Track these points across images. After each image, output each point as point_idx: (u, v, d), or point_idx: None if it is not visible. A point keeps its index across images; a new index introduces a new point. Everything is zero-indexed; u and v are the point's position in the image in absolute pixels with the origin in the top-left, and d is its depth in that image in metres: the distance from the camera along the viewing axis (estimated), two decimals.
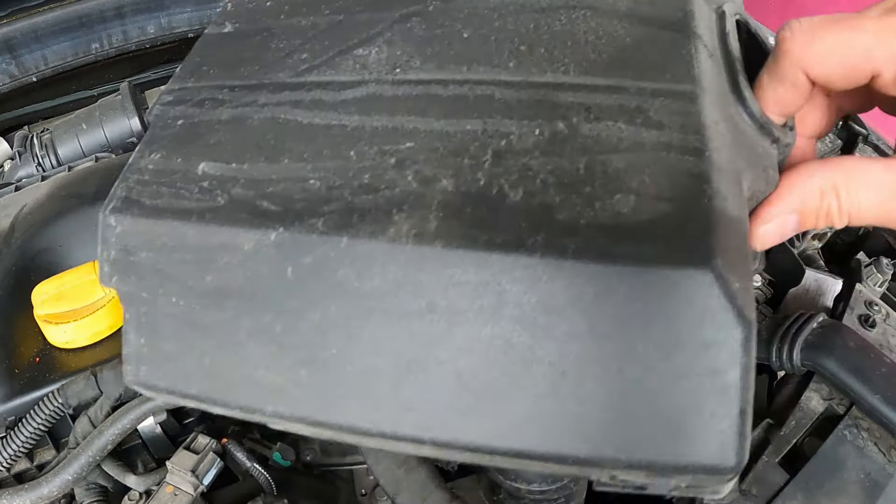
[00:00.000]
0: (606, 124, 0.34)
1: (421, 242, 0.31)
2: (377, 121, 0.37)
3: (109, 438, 0.64)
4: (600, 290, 0.30)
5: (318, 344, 0.34)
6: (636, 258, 0.30)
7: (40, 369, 0.70)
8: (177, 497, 0.62)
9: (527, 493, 0.62)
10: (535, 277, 0.30)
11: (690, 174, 0.32)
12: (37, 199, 0.86)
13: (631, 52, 0.38)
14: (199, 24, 1.16)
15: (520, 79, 0.37)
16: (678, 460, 0.31)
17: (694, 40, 0.38)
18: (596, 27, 0.40)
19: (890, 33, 0.37)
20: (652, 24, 0.39)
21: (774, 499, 0.62)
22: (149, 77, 1.27)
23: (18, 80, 1.07)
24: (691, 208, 0.31)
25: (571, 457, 0.32)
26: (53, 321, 0.71)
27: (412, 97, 0.38)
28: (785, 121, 0.41)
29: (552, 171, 0.33)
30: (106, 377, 0.67)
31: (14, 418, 0.68)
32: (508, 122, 0.35)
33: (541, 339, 0.31)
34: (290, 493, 0.66)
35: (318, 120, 0.38)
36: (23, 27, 1.05)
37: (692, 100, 0.35)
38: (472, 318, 0.31)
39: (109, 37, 1.11)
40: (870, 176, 0.38)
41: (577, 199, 0.31)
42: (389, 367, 0.33)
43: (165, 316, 0.37)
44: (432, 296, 0.32)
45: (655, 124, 0.34)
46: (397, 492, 0.61)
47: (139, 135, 1.05)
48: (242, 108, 0.40)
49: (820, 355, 0.65)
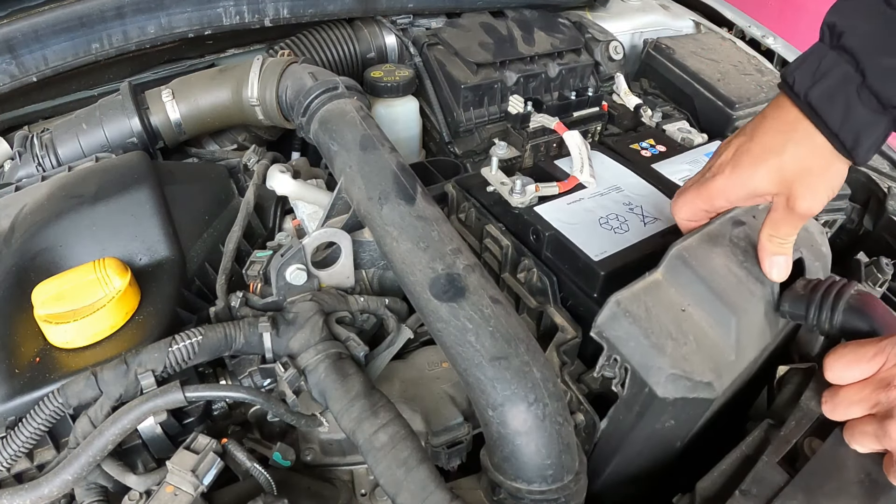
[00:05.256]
0: None
1: None
2: None
3: (109, 438, 0.64)
4: None
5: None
6: None
7: (40, 369, 0.70)
8: (177, 497, 0.62)
9: (527, 493, 0.62)
10: None
11: None
12: (37, 199, 0.86)
13: None
14: (199, 25, 1.16)
15: None
16: None
17: None
18: None
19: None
20: None
21: (774, 499, 0.62)
22: (149, 77, 1.27)
23: (18, 80, 1.07)
24: None
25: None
26: (53, 321, 0.71)
27: None
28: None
29: None
30: (106, 377, 0.67)
31: (14, 418, 0.68)
32: None
33: None
34: (290, 493, 0.66)
35: None
36: (23, 27, 1.05)
37: None
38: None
39: (109, 37, 1.11)
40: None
41: None
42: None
43: None
44: None
45: None
46: (397, 492, 0.61)
47: (139, 135, 1.05)
48: None
49: (862, 319, 0.68)
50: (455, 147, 1.27)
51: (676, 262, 0.71)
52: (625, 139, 1.09)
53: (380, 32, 1.37)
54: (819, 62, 0.62)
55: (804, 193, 0.65)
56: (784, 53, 1.64)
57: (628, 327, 0.67)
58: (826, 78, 0.61)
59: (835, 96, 0.60)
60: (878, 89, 0.59)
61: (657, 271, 0.71)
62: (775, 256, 0.71)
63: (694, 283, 0.70)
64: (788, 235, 0.70)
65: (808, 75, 0.62)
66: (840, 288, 0.70)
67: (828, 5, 0.62)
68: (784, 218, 0.68)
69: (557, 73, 1.37)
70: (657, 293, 0.69)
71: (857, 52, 0.59)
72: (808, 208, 0.66)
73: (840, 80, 0.60)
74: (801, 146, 0.64)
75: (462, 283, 0.67)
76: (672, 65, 1.44)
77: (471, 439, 0.77)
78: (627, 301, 0.68)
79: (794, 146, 0.64)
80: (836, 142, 0.62)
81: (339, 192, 0.84)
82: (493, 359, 0.62)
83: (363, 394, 0.67)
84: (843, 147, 0.62)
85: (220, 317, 0.77)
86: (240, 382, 0.75)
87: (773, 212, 0.69)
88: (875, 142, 0.61)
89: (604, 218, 0.87)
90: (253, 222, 0.96)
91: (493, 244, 0.91)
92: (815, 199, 0.65)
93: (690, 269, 0.71)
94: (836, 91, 0.60)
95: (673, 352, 0.65)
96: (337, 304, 0.79)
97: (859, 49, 0.59)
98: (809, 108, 0.62)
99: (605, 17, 1.62)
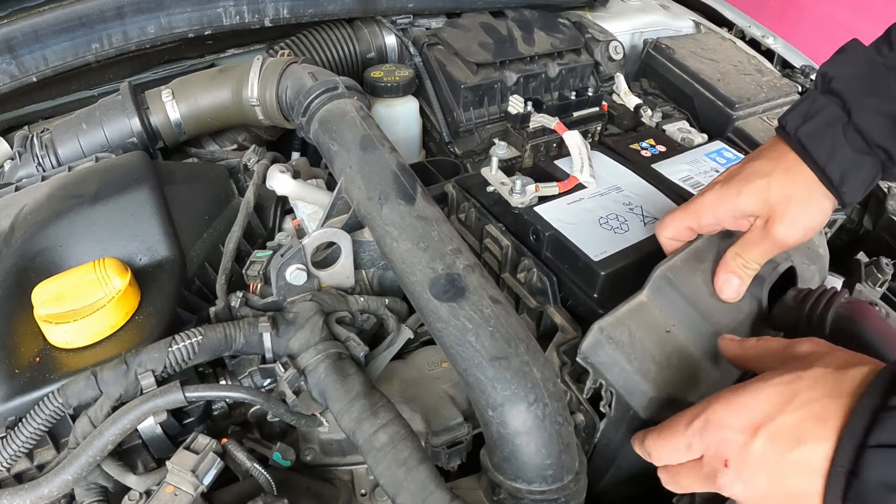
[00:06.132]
0: None
1: None
2: None
3: (109, 438, 0.64)
4: None
5: None
6: None
7: (40, 369, 0.70)
8: (177, 497, 0.62)
9: (527, 494, 0.62)
10: None
11: None
12: (37, 199, 0.86)
13: None
14: (199, 25, 1.16)
15: None
16: None
17: None
18: None
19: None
20: None
21: None
22: (149, 77, 1.27)
23: (18, 80, 1.07)
24: None
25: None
26: (53, 321, 0.71)
27: None
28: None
29: None
30: (106, 377, 0.67)
31: (14, 418, 0.68)
32: None
33: None
34: (290, 493, 0.66)
35: None
36: (23, 27, 1.05)
37: None
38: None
39: (109, 37, 1.11)
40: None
41: None
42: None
43: None
44: None
45: None
46: (397, 492, 0.61)
47: (139, 135, 1.05)
48: None
49: (853, 327, 0.68)
50: (455, 147, 1.27)
51: (661, 282, 0.72)
52: (625, 139, 1.09)
53: (380, 32, 1.37)
54: (810, 105, 0.66)
55: (783, 218, 0.66)
56: (784, 53, 1.64)
57: (612, 353, 0.68)
58: (815, 118, 0.65)
59: (823, 134, 0.64)
60: (863, 128, 0.62)
61: (642, 293, 0.71)
62: (732, 276, 0.72)
63: (678, 303, 0.71)
64: (753, 261, 0.71)
65: (800, 116, 0.66)
66: (829, 298, 0.70)
67: (828, 5, 0.63)
68: (756, 240, 0.69)
69: (557, 73, 1.37)
70: (641, 315, 0.70)
71: (844, 93, 0.64)
72: (783, 235, 0.67)
73: (828, 120, 0.64)
74: (790, 173, 0.66)
75: (462, 283, 0.67)
76: (672, 65, 1.44)
77: (471, 439, 0.77)
78: (610, 327, 0.69)
79: (782, 172, 0.66)
80: (822, 177, 0.64)
81: (339, 192, 0.84)
82: (493, 359, 0.62)
83: (363, 394, 0.67)
84: (829, 183, 0.64)
85: (220, 317, 0.77)
86: (240, 382, 0.75)
87: (749, 233, 0.70)
88: (861, 182, 0.64)
89: (604, 218, 0.87)
90: (253, 222, 0.96)
91: (493, 244, 0.91)
92: (791, 227, 0.66)
93: (675, 290, 0.72)
94: (824, 130, 0.64)
95: (656, 376, 0.66)
96: (337, 304, 0.79)
97: (846, 90, 0.64)
98: (799, 145, 0.65)
99: (605, 17, 1.62)
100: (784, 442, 0.51)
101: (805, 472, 0.49)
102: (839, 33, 2.83)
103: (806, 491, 0.49)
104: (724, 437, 0.54)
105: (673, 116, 1.35)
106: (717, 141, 1.13)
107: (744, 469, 0.53)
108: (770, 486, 0.51)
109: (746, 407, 0.53)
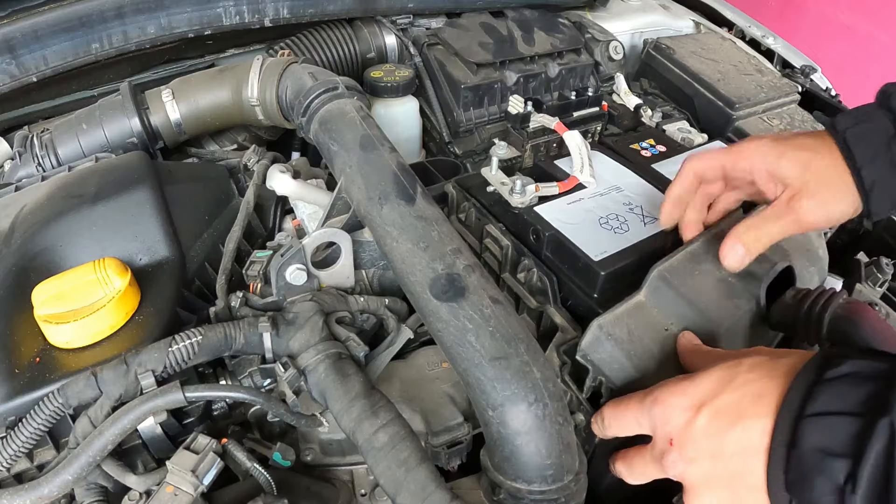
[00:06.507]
0: None
1: None
2: None
3: (109, 438, 0.64)
4: None
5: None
6: None
7: (40, 369, 0.70)
8: (177, 497, 0.62)
9: (527, 494, 0.62)
10: None
11: None
12: (37, 199, 0.86)
13: None
14: (199, 25, 1.16)
15: None
16: None
17: None
18: None
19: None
20: None
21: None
22: (149, 77, 1.27)
23: (18, 80, 1.07)
24: None
25: None
26: (53, 321, 0.71)
27: None
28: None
29: None
30: (106, 377, 0.67)
31: (14, 418, 0.68)
32: None
33: None
34: (290, 493, 0.66)
35: None
36: (23, 27, 1.05)
37: None
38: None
39: (109, 37, 1.11)
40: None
41: None
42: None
43: None
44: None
45: None
46: (397, 492, 0.61)
47: (139, 135, 1.05)
48: None
49: (851, 328, 0.69)
50: (455, 147, 1.27)
51: (658, 282, 0.72)
52: (625, 139, 1.09)
53: (380, 32, 1.37)
54: (864, 113, 0.68)
55: (813, 196, 0.67)
56: (784, 53, 1.64)
57: (611, 350, 0.68)
58: (864, 124, 0.67)
59: (868, 140, 0.66)
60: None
61: (640, 293, 0.71)
62: (739, 245, 0.70)
63: (676, 302, 0.71)
64: (766, 235, 0.70)
65: (851, 119, 0.68)
66: (827, 298, 0.71)
67: (828, 5, 0.64)
68: (778, 214, 0.69)
69: (557, 73, 1.37)
70: (640, 315, 0.70)
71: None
72: (806, 212, 0.67)
73: (876, 127, 0.66)
74: (833, 161, 0.67)
75: (462, 283, 0.67)
76: (672, 65, 1.44)
77: (471, 439, 0.77)
78: (610, 324, 0.69)
79: (826, 156, 0.68)
80: (857, 178, 0.66)
81: (339, 192, 0.84)
82: (493, 359, 0.62)
83: (363, 394, 0.67)
84: (861, 186, 0.66)
85: (220, 317, 0.77)
86: (240, 382, 0.75)
87: (771, 207, 0.70)
88: (890, 195, 0.66)
89: (604, 218, 0.87)
90: (253, 222, 0.96)
91: (493, 244, 0.91)
92: (818, 207, 0.67)
93: (672, 289, 0.72)
94: (869, 136, 0.66)
95: (655, 373, 0.67)
96: (337, 304, 0.79)
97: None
98: (843, 143, 0.67)
99: (605, 17, 1.62)
100: (725, 418, 0.54)
101: (746, 453, 0.52)
102: (839, 33, 2.85)
103: (748, 470, 0.52)
104: (670, 415, 0.58)
105: (673, 116, 1.35)
106: (718, 141, 1.13)
107: (687, 446, 0.56)
108: (714, 466, 0.54)
109: (691, 388, 0.58)
